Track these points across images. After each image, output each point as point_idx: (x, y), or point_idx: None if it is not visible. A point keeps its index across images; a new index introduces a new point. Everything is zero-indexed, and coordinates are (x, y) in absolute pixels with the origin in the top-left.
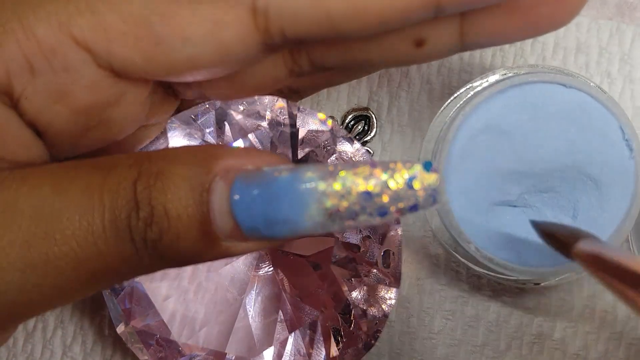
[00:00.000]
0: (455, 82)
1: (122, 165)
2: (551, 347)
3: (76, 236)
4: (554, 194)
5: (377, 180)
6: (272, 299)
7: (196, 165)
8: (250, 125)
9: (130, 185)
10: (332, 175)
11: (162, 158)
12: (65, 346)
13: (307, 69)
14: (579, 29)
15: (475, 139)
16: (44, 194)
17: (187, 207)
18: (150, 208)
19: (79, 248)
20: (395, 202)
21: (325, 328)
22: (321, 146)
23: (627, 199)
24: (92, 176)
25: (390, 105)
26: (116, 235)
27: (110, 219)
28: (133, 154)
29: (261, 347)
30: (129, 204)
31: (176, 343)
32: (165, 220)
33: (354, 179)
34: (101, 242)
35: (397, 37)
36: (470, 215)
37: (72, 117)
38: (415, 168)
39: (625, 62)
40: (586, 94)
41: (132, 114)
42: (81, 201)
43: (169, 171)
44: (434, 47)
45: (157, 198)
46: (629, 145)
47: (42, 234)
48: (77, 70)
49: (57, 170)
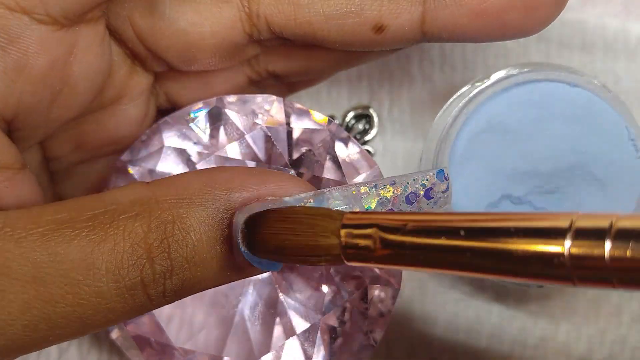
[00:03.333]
0: (458, 80)
1: (125, 216)
2: (555, 351)
3: (79, 298)
4: (558, 194)
5: (398, 196)
6: (270, 303)
7: (214, 202)
8: (246, 124)
9: (139, 241)
10: (357, 202)
11: (174, 202)
12: (61, 349)
13: (265, 77)
14: (584, 27)
15: (479, 138)
16: (38, 259)
17: (210, 251)
18: (170, 261)
19: (81, 309)
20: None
21: (324, 330)
22: (317, 145)
23: (633, 199)
24: (91, 233)
25: (392, 103)
26: (124, 294)
27: (116, 280)
28: (136, 198)
29: (259, 351)
30: (139, 262)
31: (172, 347)
32: (187, 270)
33: (378, 199)
34: (105, 302)
35: (357, 23)
36: None
37: (36, 89)
38: (430, 178)
39: (631, 60)
40: (591, 93)
41: (92, 65)
42: (80, 266)
43: (186, 217)
44: (394, 34)
45: (177, 250)
46: (634, 144)
47: (41, 296)
48: (23, 38)
49: (51, 226)
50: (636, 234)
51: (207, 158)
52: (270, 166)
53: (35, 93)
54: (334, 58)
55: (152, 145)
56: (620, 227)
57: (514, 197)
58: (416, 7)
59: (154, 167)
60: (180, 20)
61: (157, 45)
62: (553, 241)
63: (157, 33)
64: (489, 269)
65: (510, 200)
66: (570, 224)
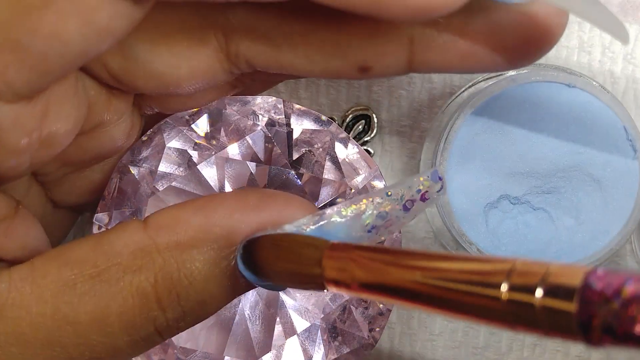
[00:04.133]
0: (456, 81)
1: (129, 270)
2: (553, 349)
3: (97, 354)
4: (556, 194)
5: (395, 207)
6: (270, 302)
7: (215, 243)
8: (246, 125)
9: (149, 295)
10: (356, 218)
11: (175, 248)
12: None
13: (248, 83)
14: (582, 28)
15: (477, 138)
16: (46, 325)
17: (218, 287)
18: (181, 308)
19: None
20: (409, 217)
21: (325, 330)
22: (317, 146)
23: (630, 200)
24: (96, 299)
25: (391, 104)
26: (139, 342)
27: (130, 333)
28: (136, 249)
29: (260, 350)
30: (151, 314)
31: (172, 347)
32: (199, 310)
33: (378, 214)
34: (122, 352)
35: (341, 63)
36: (472, 216)
37: (16, 157)
38: (425, 182)
39: (629, 61)
40: (589, 94)
41: (68, 117)
42: (93, 326)
43: (190, 262)
44: (380, 72)
45: (186, 297)
46: (632, 145)
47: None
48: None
49: (59, 292)
50: (565, 289)
51: (208, 159)
52: (270, 167)
53: (15, 161)
54: None
55: (153, 145)
56: (552, 282)
57: (512, 197)
58: (402, 49)
59: (155, 167)
60: (156, 62)
61: (133, 84)
62: (490, 290)
63: (132, 74)
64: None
65: (509, 200)
66: (510, 270)
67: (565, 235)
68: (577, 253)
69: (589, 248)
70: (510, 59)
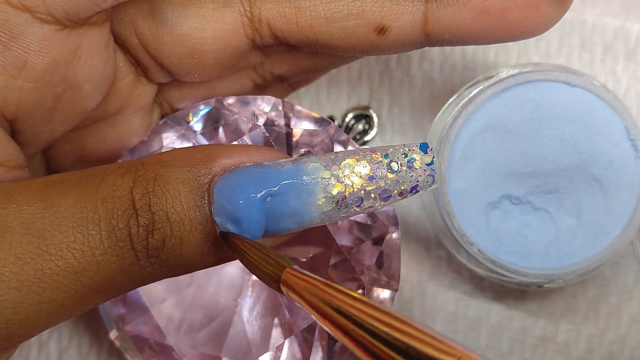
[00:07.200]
0: (457, 80)
1: (114, 174)
2: (554, 350)
3: (72, 249)
4: (558, 194)
5: (379, 163)
6: (268, 303)
7: (194, 167)
8: (245, 125)
9: (127, 193)
10: (335, 163)
11: (157, 163)
12: (61, 349)
13: (270, 80)
14: (584, 27)
15: (479, 138)
16: (33, 210)
17: (189, 211)
18: (151, 214)
19: (75, 261)
20: (397, 185)
21: (322, 331)
22: (317, 147)
23: (632, 200)
24: (84, 187)
25: (391, 104)
26: (115, 245)
27: (108, 229)
28: (123, 163)
29: (257, 351)
30: (126, 212)
31: (170, 347)
32: (167, 226)
33: (356, 163)
34: (99, 253)
35: (358, 25)
36: (473, 217)
37: (38, 88)
38: (413, 149)
39: (630, 60)
40: (591, 93)
41: (97, 68)
42: (74, 213)
43: (166, 175)
44: (396, 35)
45: (157, 204)
46: (634, 145)
47: (35, 249)
48: (24, 35)
49: (44, 184)
50: None
51: None
52: None
53: (36, 91)
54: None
55: (152, 146)
56: None
57: (514, 197)
58: (418, 7)
59: None
60: (183, 25)
61: (160, 51)
62: None
63: (160, 38)
64: None
65: (510, 200)
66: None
67: (567, 235)
68: (578, 253)
69: (590, 248)
70: (524, 17)
